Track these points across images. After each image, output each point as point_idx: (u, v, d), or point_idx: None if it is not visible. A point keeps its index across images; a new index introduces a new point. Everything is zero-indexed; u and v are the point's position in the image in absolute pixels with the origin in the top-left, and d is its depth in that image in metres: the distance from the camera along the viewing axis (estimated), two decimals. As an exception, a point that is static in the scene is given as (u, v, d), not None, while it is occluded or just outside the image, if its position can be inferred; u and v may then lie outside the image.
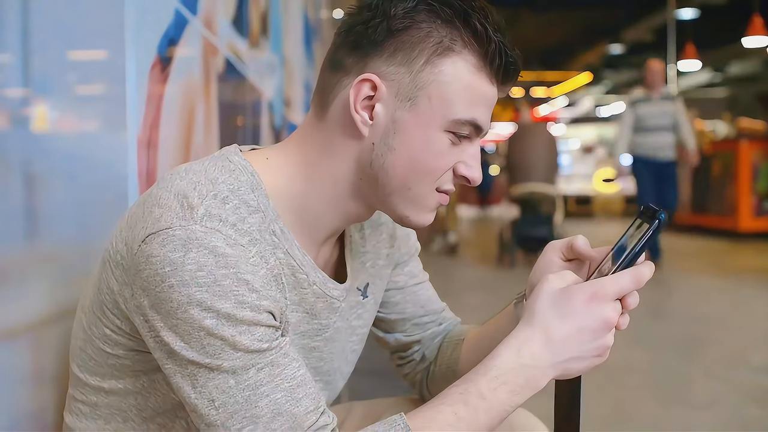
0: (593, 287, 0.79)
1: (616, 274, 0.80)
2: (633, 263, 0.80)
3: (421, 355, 1.12)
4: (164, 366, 0.77)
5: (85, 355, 0.85)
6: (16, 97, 0.88)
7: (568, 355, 0.79)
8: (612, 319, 0.79)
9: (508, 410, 0.79)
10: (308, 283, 0.87)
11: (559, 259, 0.91)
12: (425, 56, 0.82)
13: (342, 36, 0.86)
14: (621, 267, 0.80)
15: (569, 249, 0.90)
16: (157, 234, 0.74)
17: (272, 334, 0.77)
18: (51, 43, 0.95)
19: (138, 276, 0.75)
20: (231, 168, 0.82)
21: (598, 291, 0.79)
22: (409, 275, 1.09)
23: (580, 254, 0.89)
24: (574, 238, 0.90)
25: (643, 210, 0.82)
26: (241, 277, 0.74)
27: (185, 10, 1.41)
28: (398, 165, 0.84)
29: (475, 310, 3.71)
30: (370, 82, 0.83)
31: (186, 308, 0.73)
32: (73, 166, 1.01)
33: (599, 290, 0.79)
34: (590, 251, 0.89)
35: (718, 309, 4.54)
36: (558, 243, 0.92)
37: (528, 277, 0.94)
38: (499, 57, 0.83)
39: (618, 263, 0.80)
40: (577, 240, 0.89)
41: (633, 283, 0.79)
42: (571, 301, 0.79)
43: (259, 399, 0.75)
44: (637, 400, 2.85)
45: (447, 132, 0.84)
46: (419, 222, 0.89)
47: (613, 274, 0.80)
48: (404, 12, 0.82)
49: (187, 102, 1.45)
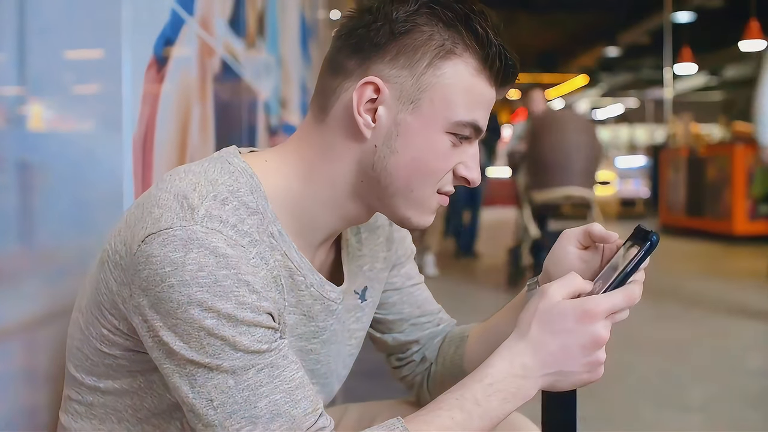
0: (586, 305, 0.80)
1: (609, 292, 0.82)
2: (624, 282, 0.82)
3: (421, 356, 1.12)
4: (162, 366, 0.77)
5: (81, 355, 0.85)
6: (12, 95, 0.88)
7: (557, 369, 0.81)
8: (603, 336, 0.80)
9: (500, 416, 0.81)
10: (306, 285, 0.87)
11: (575, 248, 0.93)
12: (427, 59, 0.83)
13: (342, 39, 0.86)
14: (613, 286, 0.82)
15: (586, 237, 0.92)
16: (158, 234, 0.74)
17: (272, 336, 0.77)
18: (47, 43, 0.95)
19: (137, 276, 0.75)
20: (230, 170, 0.82)
21: (591, 309, 0.80)
22: (405, 276, 1.09)
23: (599, 239, 0.90)
24: (590, 226, 0.91)
25: (635, 231, 0.85)
26: (241, 278, 0.75)
27: (182, 11, 1.41)
28: (401, 167, 0.85)
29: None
30: (373, 85, 0.83)
31: (186, 308, 0.73)
32: (69, 165, 1.01)
33: (592, 308, 0.80)
34: (608, 234, 0.90)
35: (712, 312, 4.55)
36: (573, 231, 0.93)
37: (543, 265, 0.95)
38: (499, 60, 0.84)
39: (610, 282, 0.83)
40: (593, 227, 0.90)
41: (625, 302, 0.81)
42: (564, 317, 0.80)
43: (259, 400, 0.75)
44: (631, 402, 2.86)
45: (448, 134, 0.85)
46: (420, 223, 0.90)
47: (606, 293, 0.82)
48: (406, 15, 0.83)
49: (183, 102, 1.45)
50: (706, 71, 14.77)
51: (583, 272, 0.92)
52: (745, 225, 8.21)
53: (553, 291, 0.82)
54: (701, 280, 5.84)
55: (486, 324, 1.08)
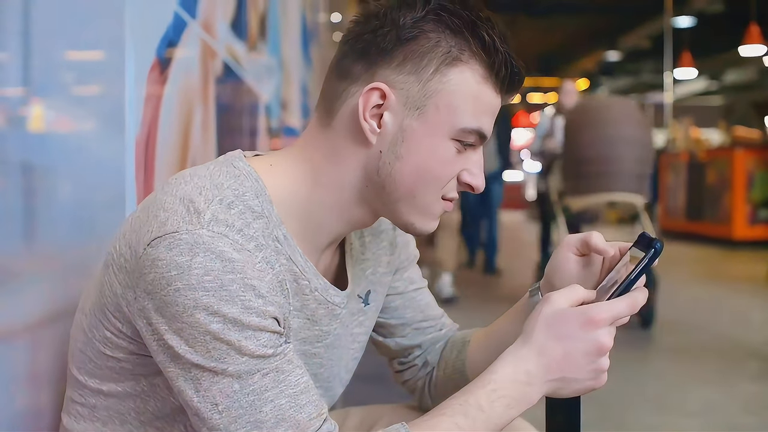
0: (590, 312, 0.81)
1: (612, 300, 0.82)
2: (629, 290, 0.83)
3: (423, 361, 1.12)
4: (167, 370, 0.76)
5: (84, 357, 0.85)
6: (15, 96, 0.88)
7: (561, 375, 0.81)
8: (606, 343, 0.81)
9: (504, 422, 0.81)
10: (310, 289, 0.87)
11: (574, 255, 0.93)
12: (434, 65, 0.83)
13: (349, 44, 0.86)
14: (617, 293, 0.83)
15: (585, 245, 0.92)
16: (164, 238, 0.74)
17: (277, 340, 0.77)
18: (51, 44, 0.95)
19: (142, 279, 0.75)
20: (236, 174, 0.82)
21: (594, 316, 0.81)
22: (408, 281, 1.09)
23: (596, 250, 0.91)
24: (589, 234, 0.91)
25: (639, 238, 0.86)
26: (247, 283, 0.74)
27: (184, 13, 1.41)
28: (405, 173, 0.85)
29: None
30: (379, 90, 0.83)
31: (192, 312, 0.73)
32: (71, 167, 1.01)
33: (595, 315, 0.81)
34: (606, 247, 0.90)
35: (711, 316, 4.55)
36: (573, 238, 0.94)
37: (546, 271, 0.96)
38: (505, 67, 0.85)
39: (614, 290, 0.83)
40: (593, 237, 0.91)
41: (628, 309, 0.82)
42: (568, 324, 0.81)
43: (264, 404, 0.75)
44: (629, 406, 2.86)
45: (453, 140, 0.85)
46: (424, 229, 0.90)
47: (609, 300, 0.83)
48: (413, 21, 0.83)
49: (185, 104, 1.45)
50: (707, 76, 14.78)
51: (583, 278, 0.92)
52: (745, 230, 8.22)
53: (557, 298, 0.83)
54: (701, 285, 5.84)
55: (488, 329, 1.08)
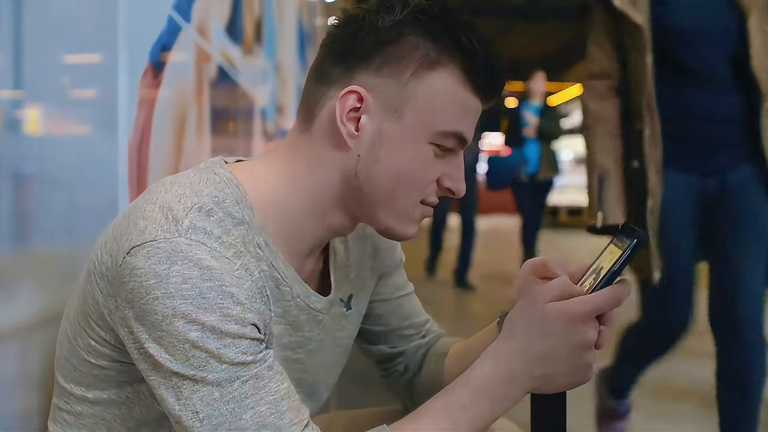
0: (572, 306, 0.79)
1: (596, 293, 0.79)
2: (612, 281, 0.79)
3: (404, 367, 1.12)
4: (149, 378, 0.76)
5: (69, 365, 0.85)
6: (8, 99, 0.88)
7: (544, 371, 0.80)
8: (590, 337, 0.79)
9: (488, 421, 0.80)
10: (292, 295, 0.87)
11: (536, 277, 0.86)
12: (412, 68, 0.83)
13: (328, 47, 0.86)
14: (600, 285, 0.79)
15: (543, 269, 0.85)
16: (142, 246, 0.74)
17: (257, 347, 0.77)
18: (43, 47, 0.95)
19: (122, 288, 0.75)
20: (216, 180, 0.82)
21: (576, 309, 0.78)
22: (393, 287, 1.09)
23: (552, 275, 0.84)
24: (547, 259, 0.85)
25: (622, 228, 0.81)
26: (226, 290, 0.74)
27: (178, 17, 1.41)
28: (384, 177, 0.84)
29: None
30: (356, 93, 0.83)
31: (171, 320, 0.72)
32: (64, 170, 1.01)
33: (577, 309, 0.78)
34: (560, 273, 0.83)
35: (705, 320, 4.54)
36: (533, 262, 0.87)
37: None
38: (484, 71, 0.84)
39: (597, 282, 0.80)
40: (549, 261, 0.85)
41: (612, 301, 0.79)
42: (551, 319, 0.79)
43: (244, 411, 0.74)
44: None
45: (431, 144, 0.85)
46: (404, 234, 0.89)
47: (593, 293, 0.79)
48: (391, 24, 0.83)
49: (179, 108, 1.45)
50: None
51: None
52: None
53: (538, 293, 0.81)
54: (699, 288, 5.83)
55: (466, 342, 1.07)
